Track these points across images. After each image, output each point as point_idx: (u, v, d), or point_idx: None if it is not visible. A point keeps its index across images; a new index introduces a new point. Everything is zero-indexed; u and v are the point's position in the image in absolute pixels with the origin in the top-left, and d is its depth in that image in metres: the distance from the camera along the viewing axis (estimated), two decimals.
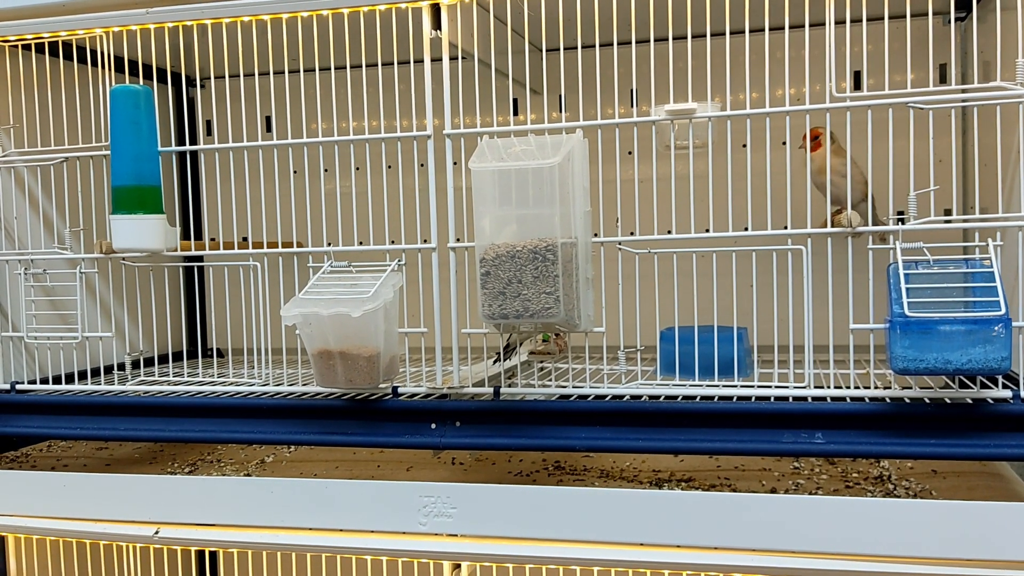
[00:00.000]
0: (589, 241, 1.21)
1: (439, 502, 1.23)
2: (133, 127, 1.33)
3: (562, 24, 1.35)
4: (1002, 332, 1.04)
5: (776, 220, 1.21)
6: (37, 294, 1.48)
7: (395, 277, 1.28)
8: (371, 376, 1.24)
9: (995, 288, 1.06)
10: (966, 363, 1.05)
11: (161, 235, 1.35)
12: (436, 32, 1.27)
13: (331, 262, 1.33)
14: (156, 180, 1.35)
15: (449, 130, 1.27)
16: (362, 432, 1.30)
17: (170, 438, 1.38)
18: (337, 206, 1.38)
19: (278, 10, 1.28)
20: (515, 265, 1.14)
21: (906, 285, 1.09)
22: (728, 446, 1.17)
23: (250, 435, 1.34)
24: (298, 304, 1.23)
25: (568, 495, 1.20)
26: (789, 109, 1.17)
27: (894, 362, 1.07)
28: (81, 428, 1.41)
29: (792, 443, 1.15)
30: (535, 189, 1.14)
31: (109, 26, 1.35)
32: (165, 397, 1.39)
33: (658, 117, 1.20)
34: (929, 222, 1.13)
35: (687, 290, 1.24)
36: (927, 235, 1.15)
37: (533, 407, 1.24)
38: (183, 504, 1.33)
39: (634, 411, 1.20)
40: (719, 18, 1.16)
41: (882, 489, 1.36)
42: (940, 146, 1.23)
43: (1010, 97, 1.10)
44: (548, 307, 1.13)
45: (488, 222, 1.16)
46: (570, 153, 1.15)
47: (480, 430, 1.26)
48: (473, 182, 1.16)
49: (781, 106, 1.19)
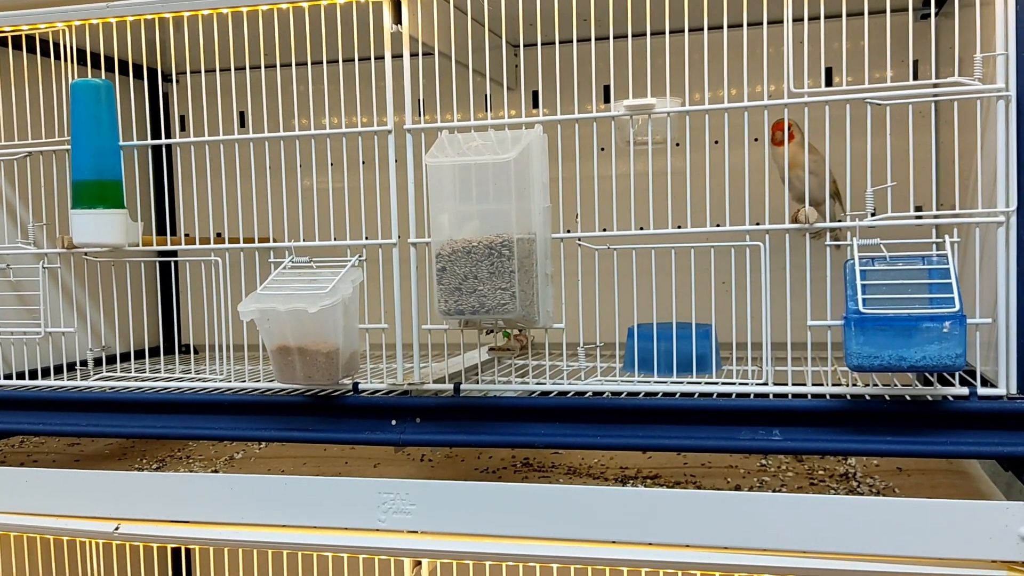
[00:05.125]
0: (548, 237, 1.20)
1: (398, 499, 1.23)
2: (94, 121, 1.32)
3: (522, 20, 1.34)
4: (956, 329, 1.03)
5: (737, 216, 1.20)
6: (3, 288, 1.48)
7: (355, 273, 1.27)
8: (330, 372, 1.23)
9: (950, 285, 1.05)
10: (920, 360, 1.04)
11: (122, 230, 1.34)
12: (397, 27, 1.26)
13: (291, 258, 1.32)
14: (117, 175, 1.34)
15: (409, 125, 1.27)
16: (323, 428, 1.29)
17: (133, 434, 1.37)
18: (298, 201, 1.37)
19: (237, 3, 1.27)
20: (471, 261, 1.13)
21: (862, 281, 1.08)
22: (686, 443, 1.17)
23: (211, 431, 1.34)
24: (255, 300, 1.22)
25: (527, 492, 1.20)
26: (747, 105, 1.16)
27: (849, 359, 1.07)
28: (44, 424, 1.40)
29: (750, 440, 1.15)
30: (493, 184, 1.13)
31: (70, 20, 1.34)
32: (128, 393, 1.39)
33: (618, 112, 1.19)
34: (885, 218, 1.12)
35: (649, 286, 1.23)
36: (899, 232, 1.14)
37: (494, 403, 1.24)
38: (144, 500, 1.32)
39: (594, 408, 1.20)
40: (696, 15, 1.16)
41: (846, 487, 1.36)
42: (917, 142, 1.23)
43: (967, 93, 1.09)
44: (504, 303, 1.13)
45: (446, 218, 1.16)
46: (527, 148, 1.15)
47: (441, 426, 1.25)
48: (429, 177, 1.15)
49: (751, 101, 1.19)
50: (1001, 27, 1.07)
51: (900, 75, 1.52)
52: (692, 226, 1.20)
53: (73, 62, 1.37)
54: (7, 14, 1.36)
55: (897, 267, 1.10)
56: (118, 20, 1.33)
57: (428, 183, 1.16)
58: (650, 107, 1.17)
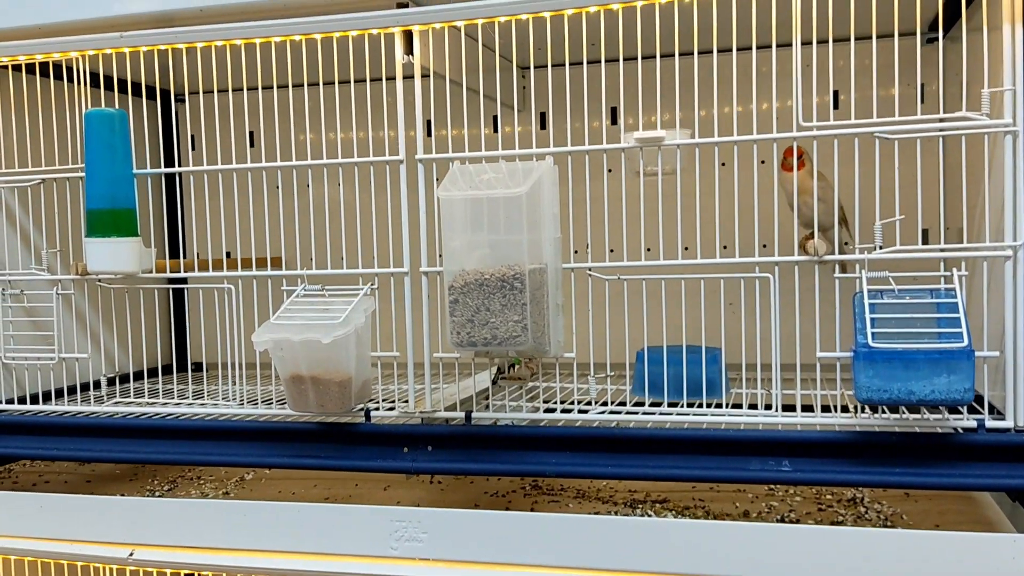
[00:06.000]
0: (559, 267, 1.21)
1: (410, 526, 1.24)
2: (108, 150, 1.33)
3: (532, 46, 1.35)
4: (965, 364, 1.04)
5: (747, 244, 1.21)
6: (17, 313, 1.49)
7: (367, 301, 1.28)
8: (343, 401, 1.24)
9: (958, 319, 1.06)
10: (929, 394, 1.05)
11: (135, 258, 1.35)
12: (408, 57, 1.27)
13: (304, 286, 1.33)
14: (131, 203, 1.36)
15: (421, 155, 1.28)
16: (335, 456, 1.30)
17: (146, 460, 1.38)
18: (311, 224, 1.38)
19: (251, 35, 1.29)
20: (483, 293, 1.14)
21: (871, 315, 1.09)
22: (696, 473, 1.18)
23: (223, 458, 1.35)
24: (269, 329, 1.23)
25: (539, 521, 1.20)
26: (756, 138, 1.17)
27: (859, 392, 1.07)
28: (58, 449, 1.41)
29: (759, 471, 1.15)
30: (505, 216, 1.15)
31: (84, 50, 1.35)
32: (140, 419, 1.40)
33: (628, 144, 1.20)
34: (894, 251, 1.13)
35: (658, 312, 1.24)
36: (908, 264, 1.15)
37: (505, 432, 1.25)
38: (158, 526, 1.33)
39: (604, 437, 1.21)
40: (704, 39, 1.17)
41: (854, 512, 1.37)
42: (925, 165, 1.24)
43: (974, 128, 1.10)
44: (516, 335, 1.14)
45: (458, 247, 1.17)
46: (539, 180, 1.16)
47: (452, 455, 1.26)
48: (442, 209, 1.16)
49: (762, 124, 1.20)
50: (1008, 62, 1.08)
51: (907, 95, 1.52)
52: (702, 251, 1.21)
53: (86, 85, 1.38)
54: (23, 43, 1.38)
55: (905, 300, 1.11)
56: (132, 50, 1.34)
57: (440, 214, 1.17)
58: (660, 139, 1.18)
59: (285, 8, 1.29)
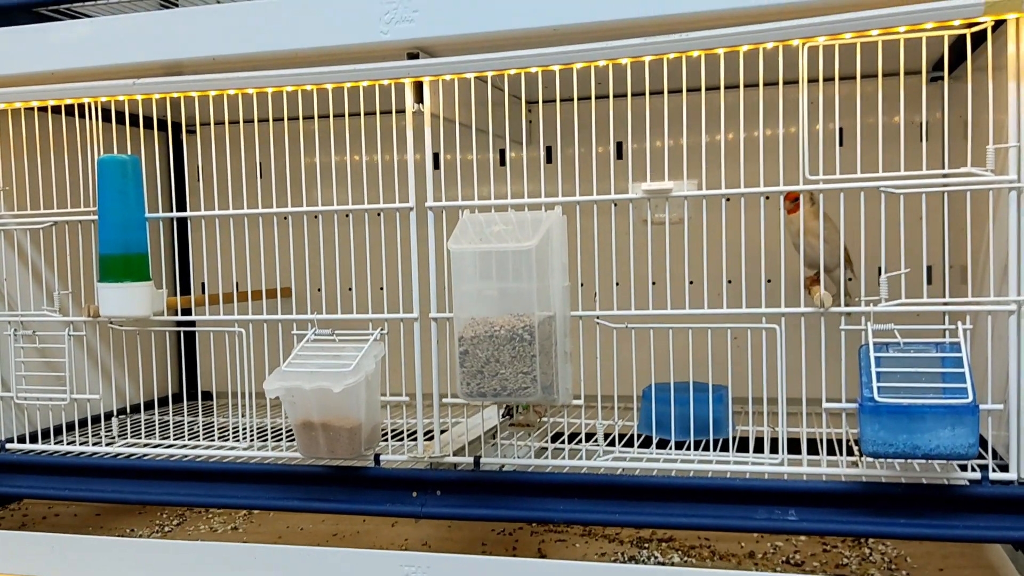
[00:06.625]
0: (567, 315, 1.23)
1: (419, 571, 1.25)
2: (120, 196, 1.35)
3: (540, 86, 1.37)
4: (969, 419, 1.05)
5: (753, 280, 1.22)
6: (29, 349, 1.50)
7: (377, 347, 1.29)
8: (353, 447, 1.26)
9: (963, 374, 1.08)
10: (934, 448, 1.06)
11: (148, 302, 1.37)
12: (419, 106, 1.28)
13: (314, 330, 1.34)
14: (143, 248, 1.37)
15: (431, 203, 1.29)
16: (344, 499, 1.31)
17: (156, 501, 1.40)
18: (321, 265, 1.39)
19: (263, 84, 1.30)
20: (493, 345, 1.15)
21: (876, 368, 1.11)
22: (703, 522, 1.18)
23: (234, 500, 1.36)
24: (280, 377, 1.24)
25: (547, 568, 1.22)
26: (763, 191, 1.19)
27: (865, 445, 1.09)
28: (69, 489, 1.42)
29: (766, 520, 1.17)
30: (514, 267, 1.16)
31: (97, 96, 1.37)
32: (151, 461, 1.41)
33: (635, 195, 1.22)
34: (900, 303, 1.15)
35: (665, 350, 1.25)
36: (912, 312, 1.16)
37: (513, 478, 1.26)
38: (168, 567, 1.35)
39: (611, 485, 1.22)
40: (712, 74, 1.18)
41: (858, 553, 1.38)
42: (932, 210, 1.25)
43: (979, 184, 1.11)
44: (525, 387, 1.15)
45: (468, 295, 1.18)
46: (548, 233, 1.17)
47: (461, 500, 1.27)
48: (453, 261, 1.18)
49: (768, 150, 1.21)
50: (1014, 119, 1.10)
51: (911, 134, 1.54)
52: (709, 292, 1.22)
53: (98, 130, 1.40)
54: (38, 88, 1.39)
55: (911, 354, 1.12)
56: (144, 98, 1.36)
57: (451, 265, 1.18)
58: (667, 191, 1.20)
59: (295, 57, 1.31)
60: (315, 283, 1.38)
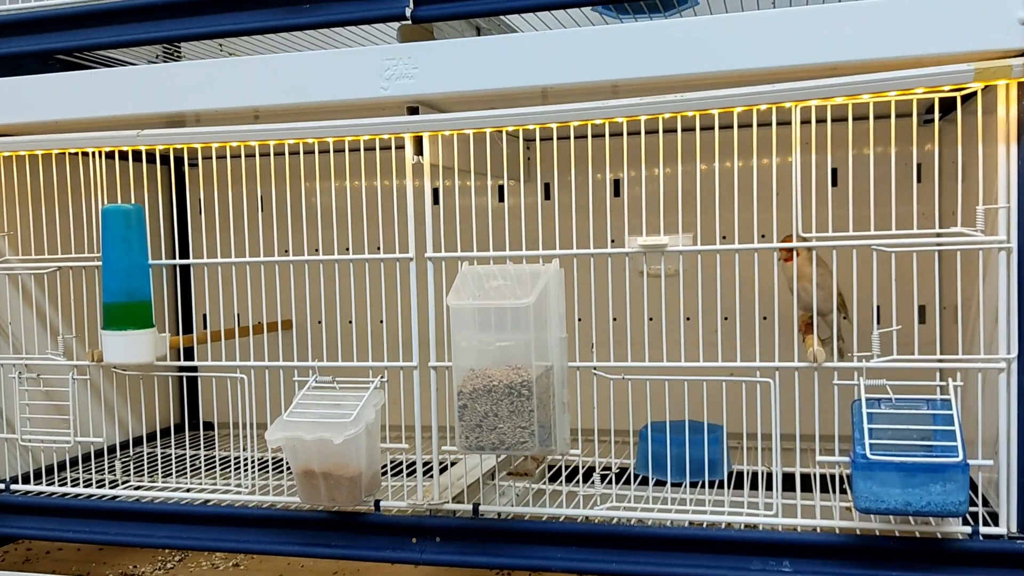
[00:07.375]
0: (565, 366, 1.24)
1: None
2: (124, 244, 1.36)
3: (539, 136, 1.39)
4: (959, 477, 1.07)
5: (747, 318, 1.24)
6: (34, 390, 1.52)
7: (377, 396, 1.31)
8: (353, 495, 1.27)
9: (954, 432, 1.09)
10: (925, 505, 1.08)
11: (151, 349, 1.38)
12: (418, 158, 1.30)
13: (315, 377, 1.36)
14: (147, 295, 1.39)
15: (430, 253, 1.31)
16: (344, 545, 1.33)
17: (158, 544, 1.41)
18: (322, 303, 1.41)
19: (266, 137, 1.32)
20: (491, 399, 1.17)
21: (869, 425, 1.12)
22: (699, 572, 1.20)
23: (236, 544, 1.38)
24: (282, 427, 1.26)
25: None
26: (758, 247, 1.21)
27: (858, 501, 1.10)
28: (73, 531, 1.44)
29: (760, 571, 1.18)
30: (512, 321, 1.18)
31: (101, 146, 1.39)
32: (153, 504, 1.43)
33: (632, 249, 1.24)
34: (892, 359, 1.16)
35: (661, 395, 1.27)
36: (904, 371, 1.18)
37: (511, 527, 1.28)
38: None
39: (608, 535, 1.24)
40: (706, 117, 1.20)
41: None
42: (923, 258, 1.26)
43: (969, 244, 1.13)
44: (523, 441, 1.17)
45: (467, 348, 1.20)
46: (545, 288, 1.19)
47: (460, 547, 1.29)
48: (452, 316, 1.19)
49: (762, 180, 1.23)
50: (1003, 180, 1.11)
51: (903, 175, 1.55)
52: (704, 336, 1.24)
53: (103, 184, 1.42)
54: (42, 138, 1.41)
55: (902, 410, 1.14)
56: (148, 148, 1.38)
57: (450, 319, 1.20)
58: (663, 246, 1.22)
59: (298, 110, 1.33)
60: (315, 316, 1.40)
